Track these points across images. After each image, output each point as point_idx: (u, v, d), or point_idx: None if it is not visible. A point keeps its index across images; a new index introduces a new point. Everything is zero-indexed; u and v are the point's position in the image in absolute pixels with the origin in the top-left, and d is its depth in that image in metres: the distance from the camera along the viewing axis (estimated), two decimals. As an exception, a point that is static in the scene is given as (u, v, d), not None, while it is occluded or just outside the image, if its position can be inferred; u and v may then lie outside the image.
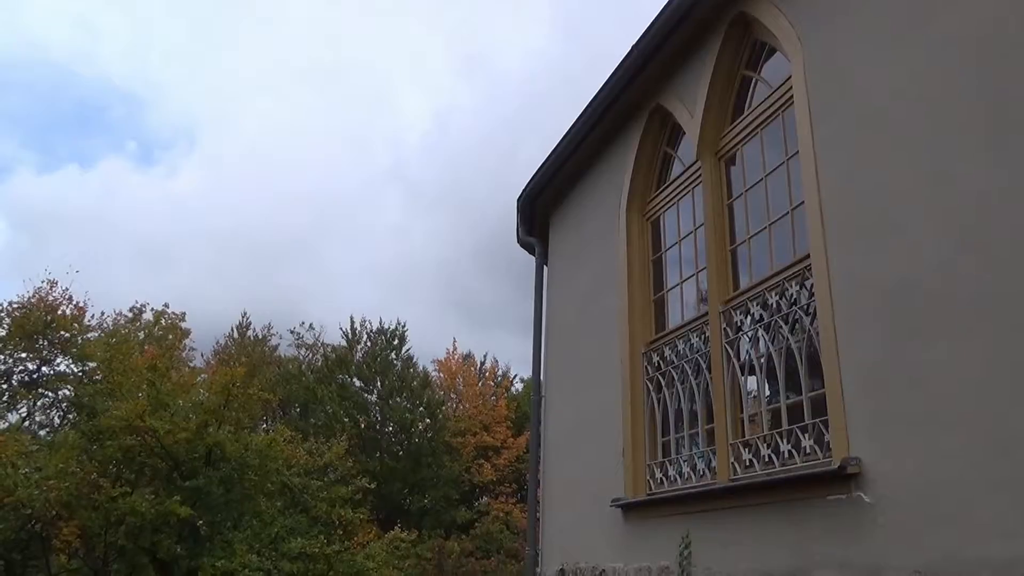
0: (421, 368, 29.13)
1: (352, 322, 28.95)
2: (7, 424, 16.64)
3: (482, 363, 31.07)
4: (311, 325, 30.39)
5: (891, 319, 3.37)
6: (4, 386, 16.58)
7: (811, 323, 3.98)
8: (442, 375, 29.87)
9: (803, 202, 4.07)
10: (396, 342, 28.73)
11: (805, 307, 4.06)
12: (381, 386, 27.57)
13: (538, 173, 7.35)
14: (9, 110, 46.67)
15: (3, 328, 16.24)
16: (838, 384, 3.59)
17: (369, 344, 28.59)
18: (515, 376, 31.40)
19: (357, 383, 27.81)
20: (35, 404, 17.43)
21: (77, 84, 53.44)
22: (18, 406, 17.05)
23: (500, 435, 27.60)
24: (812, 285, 3.94)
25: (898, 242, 3.40)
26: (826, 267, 3.77)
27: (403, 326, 29.01)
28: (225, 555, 14.05)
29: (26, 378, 16.77)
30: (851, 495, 3.43)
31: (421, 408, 27.20)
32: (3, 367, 16.54)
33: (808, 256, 3.98)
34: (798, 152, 4.17)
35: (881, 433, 3.35)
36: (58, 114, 53.93)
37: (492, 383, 30.43)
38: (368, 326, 28.97)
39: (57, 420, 18.01)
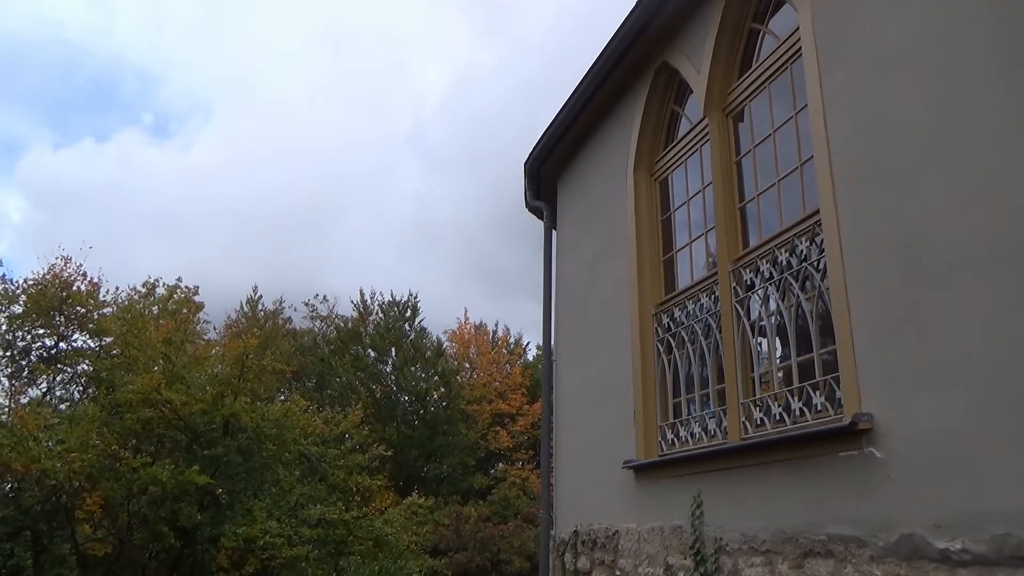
0: (435, 338, 29.26)
1: (362, 295, 29.08)
2: (28, 399, 16.91)
3: (495, 331, 31.18)
4: (324, 297, 30.51)
5: (902, 272, 3.32)
6: (24, 362, 16.80)
7: (822, 279, 3.93)
8: (455, 346, 29.97)
9: (812, 157, 3.99)
10: (408, 313, 28.82)
11: (815, 263, 4.01)
12: (395, 356, 27.74)
13: (544, 136, 7.27)
14: (25, 88, 46.76)
15: (20, 305, 16.42)
16: (849, 340, 3.55)
17: (381, 316, 28.70)
18: (528, 343, 31.52)
19: (372, 354, 27.98)
20: (55, 379, 17.67)
21: (91, 61, 53.35)
22: (38, 381, 17.30)
23: (515, 402, 27.74)
24: (822, 241, 3.88)
25: (909, 193, 3.33)
26: (836, 222, 3.71)
27: (415, 297, 29.10)
28: (246, 522, 14.28)
29: (44, 354, 16.98)
30: (863, 451, 3.41)
31: (436, 377, 27.36)
32: (22, 343, 16.74)
33: (818, 211, 3.92)
34: (807, 105, 4.08)
35: (893, 388, 3.32)
36: (73, 91, 53.91)
37: (505, 351, 30.52)
38: (380, 298, 29.09)
39: (77, 394, 18.26)
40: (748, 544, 4.11)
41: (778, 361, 4.42)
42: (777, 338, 4.46)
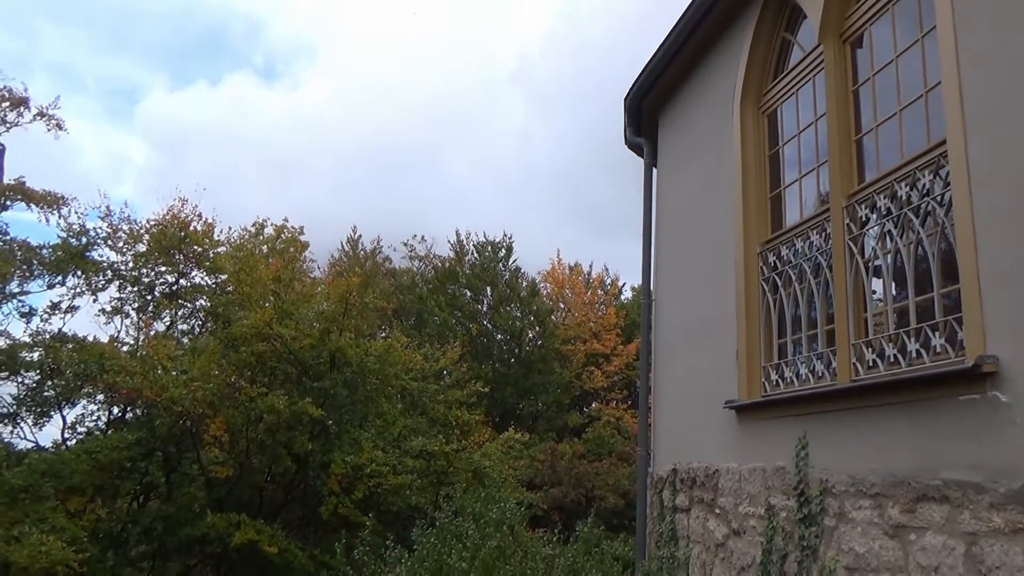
0: (530, 277, 29.47)
1: (458, 235, 29.49)
2: (154, 331, 18.17)
3: (589, 272, 31.10)
4: (423, 237, 31.11)
5: (1040, 206, 3.09)
6: (149, 297, 18.01)
7: (945, 214, 3.71)
8: (550, 286, 30.11)
9: (939, 83, 3.73)
10: (503, 253, 29.06)
11: (939, 198, 3.78)
12: (490, 296, 28.16)
13: (646, 69, 7.06)
14: (140, 38, 48.89)
15: (144, 244, 17.52)
16: (975, 278, 3.36)
17: (476, 256, 29.07)
18: (624, 284, 31.31)
19: (467, 293, 28.50)
20: (176, 313, 18.87)
21: (201, 9, 55.10)
22: (162, 315, 18.53)
23: (609, 342, 27.76)
24: (947, 173, 3.65)
25: (1052, 120, 3.07)
26: (964, 153, 3.47)
27: (509, 238, 29.26)
28: (353, 451, 15.07)
29: (167, 290, 18.13)
30: (986, 395, 3.25)
31: (530, 316, 27.66)
32: (146, 280, 17.93)
33: (944, 142, 3.67)
34: (935, 27, 3.79)
35: (1022, 329, 3.13)
36: (185, 38, 56.08)
37: (600, 291, 30.44)
38: (475, 238, 29.43)
39: (196, 328, 19.48)
40: (856, 487, 4.03)
41: (893, 301, 4.23)
42: (893, 277, 4.27)
